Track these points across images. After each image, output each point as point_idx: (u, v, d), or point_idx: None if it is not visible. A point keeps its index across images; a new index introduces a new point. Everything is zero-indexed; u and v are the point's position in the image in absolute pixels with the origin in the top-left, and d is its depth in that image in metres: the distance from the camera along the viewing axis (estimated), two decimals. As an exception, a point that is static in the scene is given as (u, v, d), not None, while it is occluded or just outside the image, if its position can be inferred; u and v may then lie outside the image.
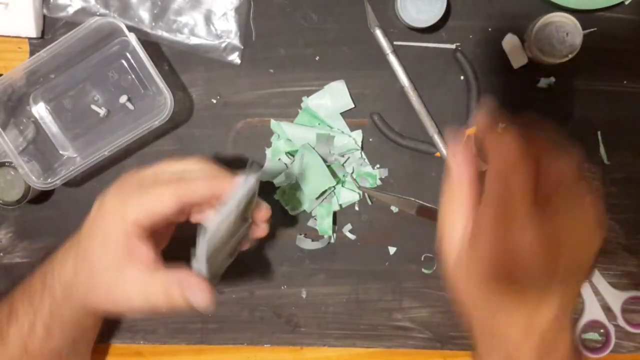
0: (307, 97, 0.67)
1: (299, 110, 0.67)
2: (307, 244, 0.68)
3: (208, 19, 0.66)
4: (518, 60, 0.65)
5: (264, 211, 0.52)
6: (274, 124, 0.67)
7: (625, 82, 0.66)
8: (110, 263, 0.49)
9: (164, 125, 0.63)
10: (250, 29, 0.67)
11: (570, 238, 0.37)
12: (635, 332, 0.68)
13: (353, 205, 0.68)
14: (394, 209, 0.68)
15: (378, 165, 0.67)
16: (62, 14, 0.66)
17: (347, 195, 0.67)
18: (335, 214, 0.67)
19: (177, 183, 0.49)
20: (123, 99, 0.66)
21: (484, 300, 0.40)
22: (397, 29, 0.66)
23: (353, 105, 0.67)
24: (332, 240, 0.68)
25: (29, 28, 0.65)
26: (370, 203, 0.68)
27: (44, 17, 0.66)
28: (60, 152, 0.67)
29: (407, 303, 0.69)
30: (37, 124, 0.66)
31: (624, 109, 0.66)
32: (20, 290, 0.56)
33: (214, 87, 0.67)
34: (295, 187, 0.66)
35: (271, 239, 0.69)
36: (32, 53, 0.67)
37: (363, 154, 0.67)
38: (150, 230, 0.49)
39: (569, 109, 0.66)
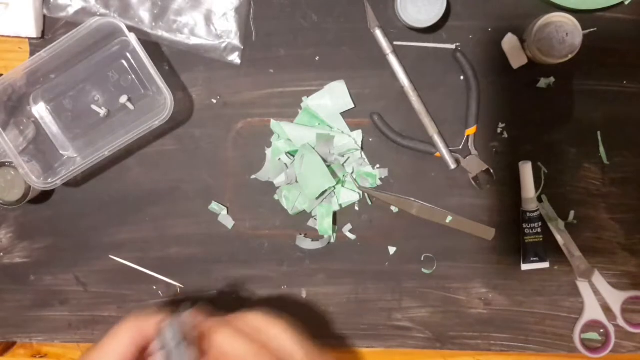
0: (307, 97, 0.67)
1: (299, 110, 0.67)
2: (307, 244, 0.68)
3: (208, 19, 0.66)
4: (518, 60, 0.65)
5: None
6: (274, 124, 0.67)
7: (625, 82, 0.66)
8: None
9: (164, 125, 0.63)
10: (250, 29, 0.67)
11: None
12: (635, 332, 0.68)
13: (353, 205, 0.68)
14: (394, 209, 0.68)
15: (378, 165, 0.67)
16: (62, 14, 0.66)
17: (347, 195, 0.67)
18: (335, 214, 0.67)
19: (128, 325, 0.50)
20: (123, 99, 0.66)
21: None
22: (397, 29, 0.66)
23: (353, 105, 0.67)
24: (332, 240, 0.68)
25: (29, 28, 0.65)
26: (370, 203, 0.68)
27: (44, 17, 0.66)
28: (61, 152, 0.67)
29: (407, 303, 0.69)
30: (37, 124, 0.66)
31: (624, 109, 0.66)
32: None
33: (214, 87, 0.67)
34: (295, 187, 0.66)
35: (271, 238, 0.69)
36: (32, 53, 0.67)
37: (363, 154, 0.67)
38: None
39: (569, 109, 0.67)
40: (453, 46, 0.66)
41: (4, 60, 0.67)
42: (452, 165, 0.66)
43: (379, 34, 0.65)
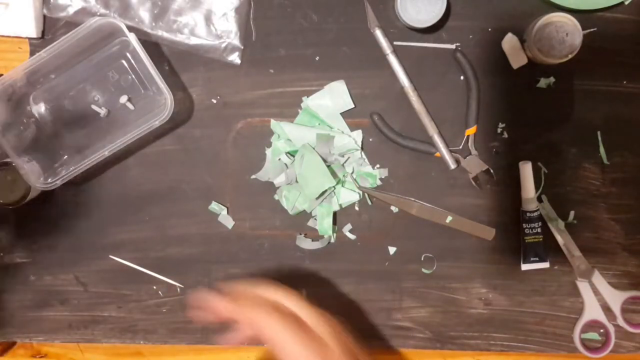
0: (307, 97, 0.67)
1: (299, 110, 0.67)
2: (307, 244, 0.68)
3: (208, 19, 0.66)
4: (518, 60, 0.65)
5: None
6: (274, 124, 0.67)
7: (625, 82, 0.66)
8: None
9: (164, 125, 0.63)
10: (250, 29, 0.67)
11: None
12: (635, 332, 0.68)
13: (353, 205, 0.68)
14: (394, 209, 0.68)
15: (378, 165, 0.67)
16: (62, 14, 0.66)
17: (347, 195, 0.67)
18: (335, 214, 0.67)
19: None
20: (123, 99, 0.66)
21: None
22: (397, 29, 0.66)
23: (353, 105, 0.67)
24: (332, 240, 0.68)
25: (30, 28, 0.65)
26: (370, 203, 0.68)
27: (44, 17, 0.66)
28: (60, 152, 0.67)
29: (407, 303, 0.69)
30: (37, 124, 0.66)
31: (624, 109, 0.66)
32: None
33: (214, 87, 0.67)
34: (295, 187, 0.66)
35: (271, 238, 0.69)
36: (32, 53, 0.67)
37: (363, 154, 0.67)
38: None
39: (568, 109, 0.67)
40: (453, 46, 0.66)
41: (4, 60, 0.67)
42: (452, 165, 0.66)
43: (379, 34, 0.65)
